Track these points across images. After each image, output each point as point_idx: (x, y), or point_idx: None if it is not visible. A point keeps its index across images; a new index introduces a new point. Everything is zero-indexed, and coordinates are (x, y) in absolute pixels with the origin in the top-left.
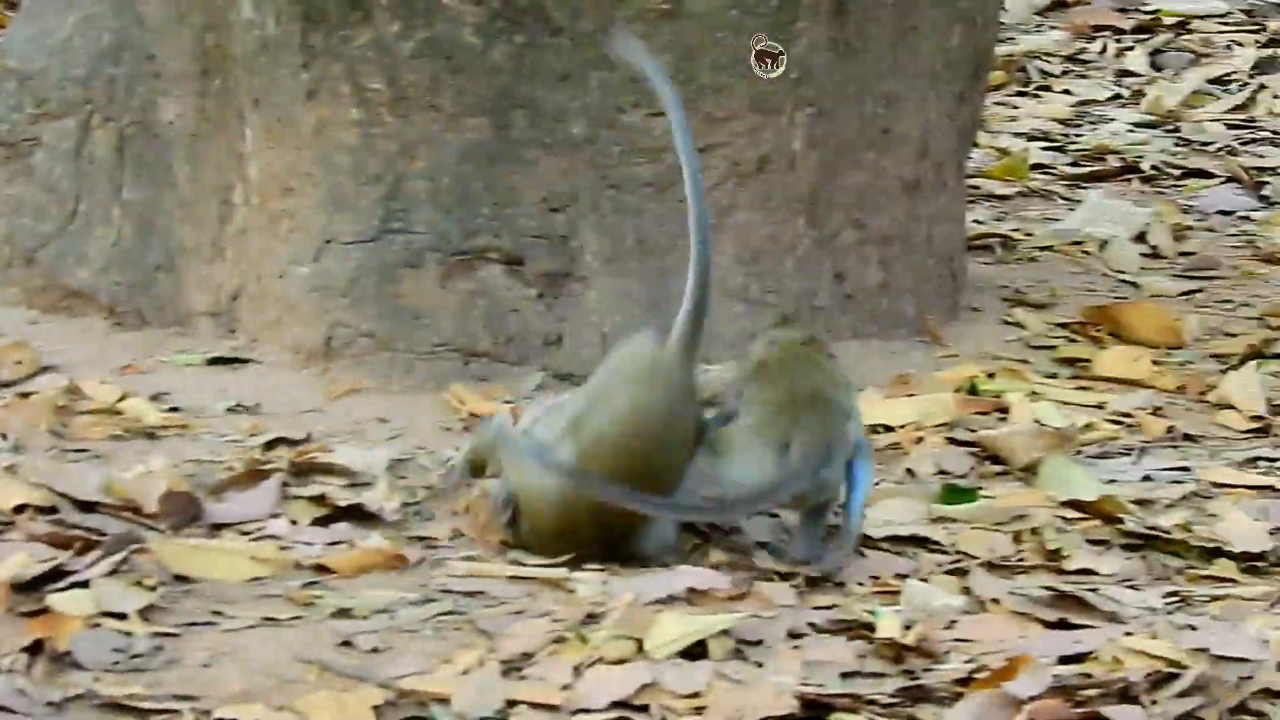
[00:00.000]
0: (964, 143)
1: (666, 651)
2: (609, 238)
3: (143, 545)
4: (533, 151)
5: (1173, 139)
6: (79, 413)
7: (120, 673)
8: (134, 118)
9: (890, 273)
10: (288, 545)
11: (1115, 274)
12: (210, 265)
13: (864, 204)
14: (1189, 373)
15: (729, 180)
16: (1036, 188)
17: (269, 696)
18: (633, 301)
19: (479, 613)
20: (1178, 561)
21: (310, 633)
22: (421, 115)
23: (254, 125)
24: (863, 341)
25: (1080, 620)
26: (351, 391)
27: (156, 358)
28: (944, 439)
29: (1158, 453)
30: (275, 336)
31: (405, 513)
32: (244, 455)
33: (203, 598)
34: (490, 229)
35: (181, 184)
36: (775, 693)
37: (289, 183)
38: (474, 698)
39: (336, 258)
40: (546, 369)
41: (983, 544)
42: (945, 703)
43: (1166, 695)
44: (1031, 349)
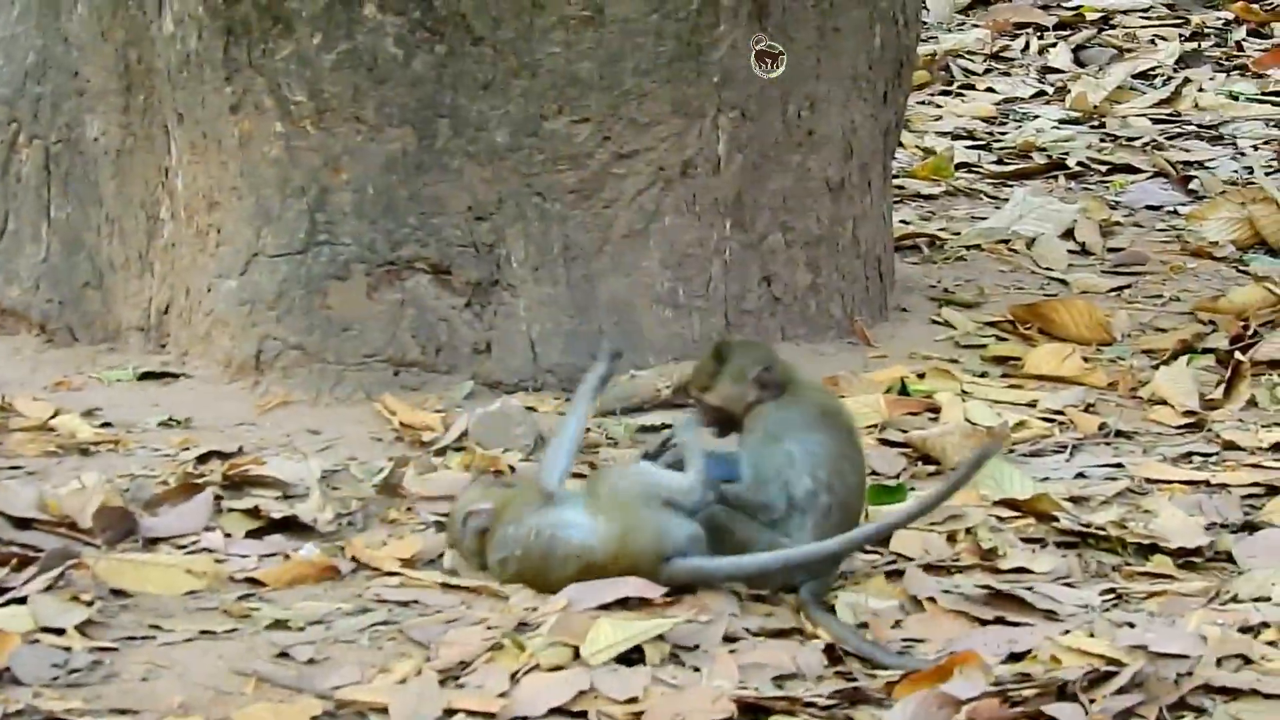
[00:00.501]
0: (888, 143)
1: (603, 657)
2: (535, 245)
3: (79, 561)
4: (457, 161)
5: (1098, 135)
6: (12, 430)
7: (60, 687)
8: (60, 135)
9: (818, 274)
10: (223, 558)
11: (1044, 271)
12: (139, 280)
13: (790, 206)
14: (1120, 369)
15: (654, 185)
16: (962, 186)
17: (208, 709)
18: (560, 308)
19: (414, 622)
20: (1113, 558)
21: (247, 645)
22: (345, 127)
23: (179, 140)
24: (792, 344)
25: (1018, 619)
26: (282, 404)
27: (88, 374)
28: (875, 440)
29: (1090, 450)
30: (205, 350)
31: (339, 523)
32: (177, 469)
33: (140, 612)
34: (416, 239)
35: (108, 200)
36: (712, 697)
37: (215, 197)
38: (412, 707)
39: (264, 271)
40: (476, 377)
41: (918, 545)
42: (883, 704)
43: (1105, 693)
44: (961, 348)
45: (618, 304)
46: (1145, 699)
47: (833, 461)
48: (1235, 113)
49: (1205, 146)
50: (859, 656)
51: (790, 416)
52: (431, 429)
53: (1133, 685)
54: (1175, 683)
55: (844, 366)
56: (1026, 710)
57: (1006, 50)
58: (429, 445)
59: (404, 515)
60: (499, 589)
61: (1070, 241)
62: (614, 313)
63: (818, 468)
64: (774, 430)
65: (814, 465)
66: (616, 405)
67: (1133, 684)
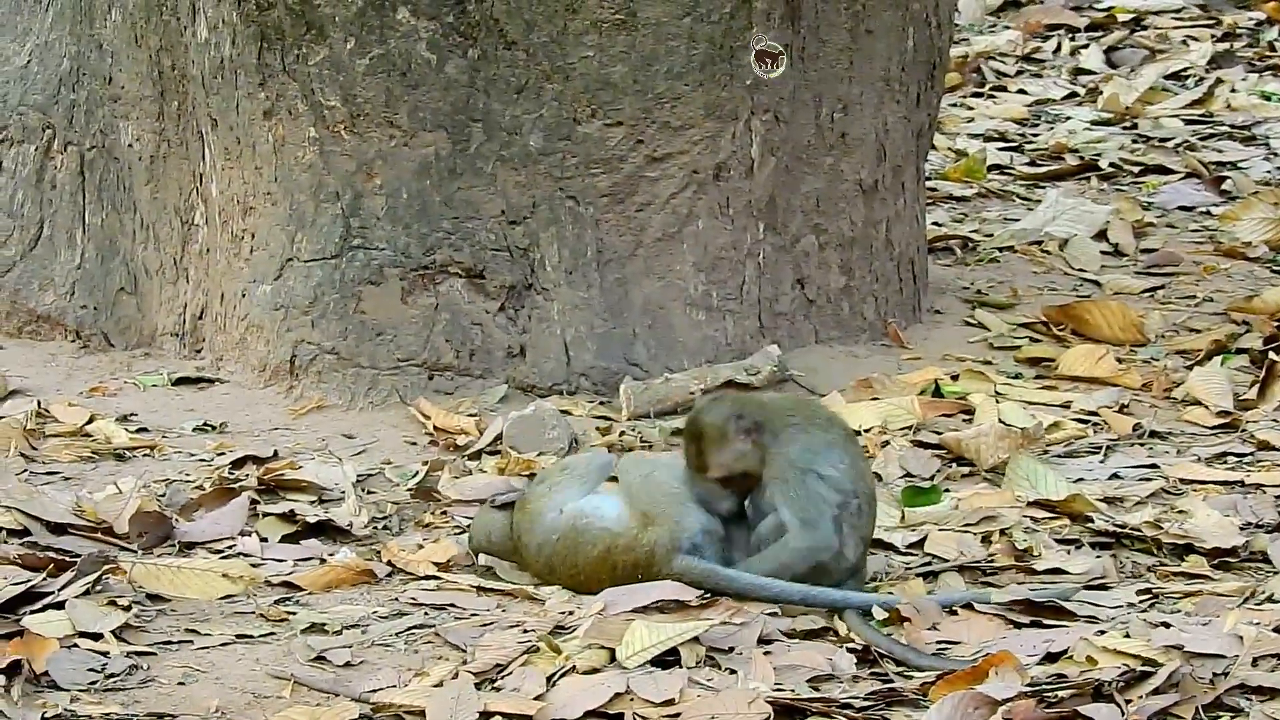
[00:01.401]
0: (921, 145)
1: (638, 660)
2: (568, 249)
3: (115, 566)
4: (490, 165)
5: (1130, 136)
6: (48, 435)
7: (97, 692)
8: (94, 141)
9: (851, 277)
10: (258, 562)
11: (1076, 272)
12: (174, 286)
13: (823, 209)
14: (1154, 369)
15: (687, 188)
16: (995, 188)
17: (244, 713)
18: (593, 312)
19: (450, 625)
20: (1149, 559)
21: (283, 649)
22: (378, 132)
23: (213, 146)
24: (825, 346)
25: (1055, 620)
26: (317, 408)
27: (123, 379)
28: (909, 442)
29: (1125, 450)
30: (240, 355)
31: (374, 527)
32: (212, 474)
33: (176, 616)
34: (450, 243)
35: (143, 206)
36: (748, 699)
37: (249, 202)
38: (449, 710)
39: (298, 276)
40: (510, 381)
41: (953, 546)
42: (919, 705)
43: (1141, 693)
44: (995, 349)
45: (651, 307)
46: (1181, 699)
47: (851, 464)
48: (1268, 113)
49: (1238, 147)
50: (893, 659)
51: (799, 448)
52: (466, 433)
53: (1168, 685)
54: (1211, 683)
55: (877, 368)
56: (1062, 711)
57: (1038, 52)
58: (463, 449)
59: (439, 519)
60: (534, 592)
61: (1103, 243)
62: (647, 316)
63: (844, 480)
64: (799, 464)
65: (842, 479)
66: (650, 408)
67: (1168, 684)
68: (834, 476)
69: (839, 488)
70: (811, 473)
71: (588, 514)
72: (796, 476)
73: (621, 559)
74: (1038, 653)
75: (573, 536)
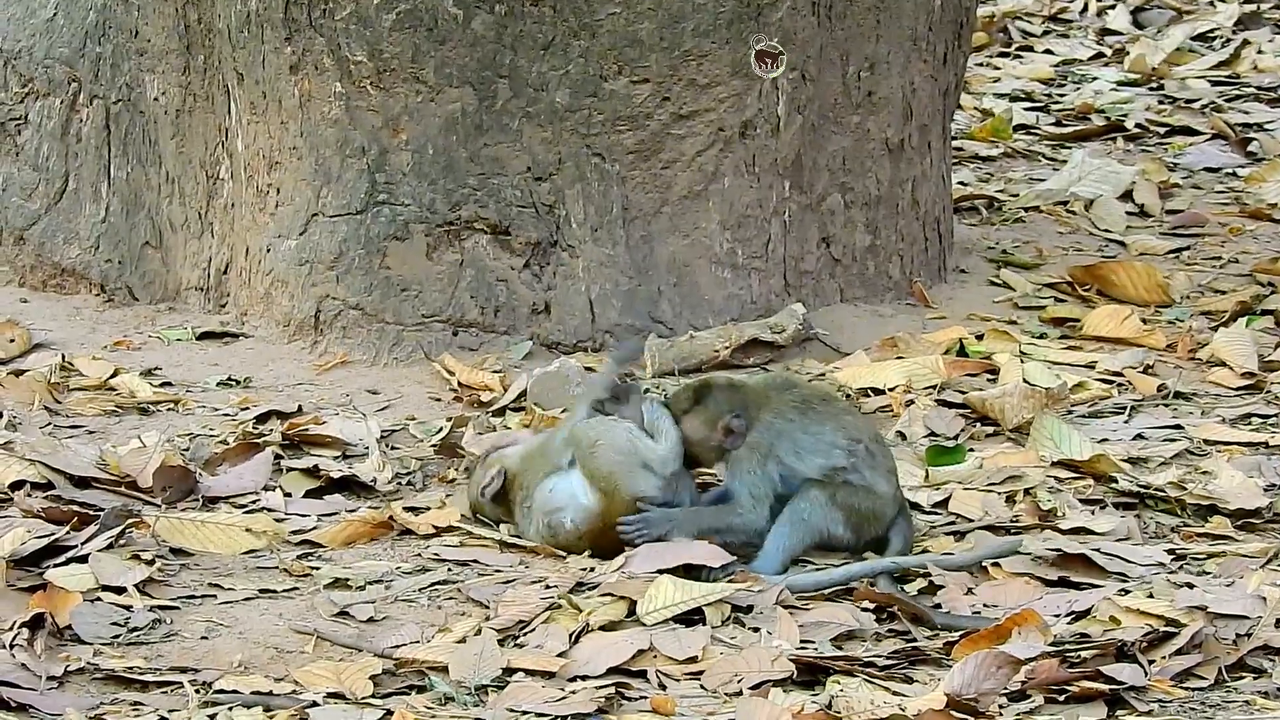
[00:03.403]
0: (947, 104)
1: (660, 617)
2: (594, 206)
3: (139, 520)
4: (517, 121)
5: (1156, 97)
6: (72, 389)
7: (120, 646)
8: (120, 95)
9: (877, 235)
10: (282, 517)
11: (1102, 233)
12: (198, 240)
13: (849, 167)
14: (1179, 330)
15: (714, 146)
16: (1021, 148)
17: (267, 667)
18: (618, 269)
19: (473, 582)
20: (1172, 520)
21: (307, 604)
22: (405, 87)
23: (239, 100)
24: (851, 304)
25: (1085, 579)
26: (341, 363)
27: (147, 333)
28: (934, 401)
29: (1149, 411)
30: (264, 310)
31: (397, 483)
32: (236, 429)
33: (200, 571)
34: (476, 199)
35: (168, 160)
36: (771, 657)
37: (274, 157)
38: (472, 666)
39: (323, 231)
40: (535, 338)
41: (977, 505)
42: (942, 664)
43: (1164, 653)
44: (1020, 309)
45: (676, 265)
46: (1204, 659)
47: (837, 426)
48: None
49: (1264, 109)
50: (916, 616)
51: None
52: (490, 389)
53: (1191, 646)
54: (1234, 643)
55: (902, 327)
56: (1085, 670)
57: (1065, 12)
58: (487, 405)
59: (462, 475)
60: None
61: (1129, 203)
62: (672, 273)
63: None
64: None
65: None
66: (675, 365)
67: (1191, 645)
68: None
69: (837, 445)
70: (773, 457)
71: (558, 506)
72: (759, 459)
73: (600, 539)
74: (1062, 612)
75: (548, 534)
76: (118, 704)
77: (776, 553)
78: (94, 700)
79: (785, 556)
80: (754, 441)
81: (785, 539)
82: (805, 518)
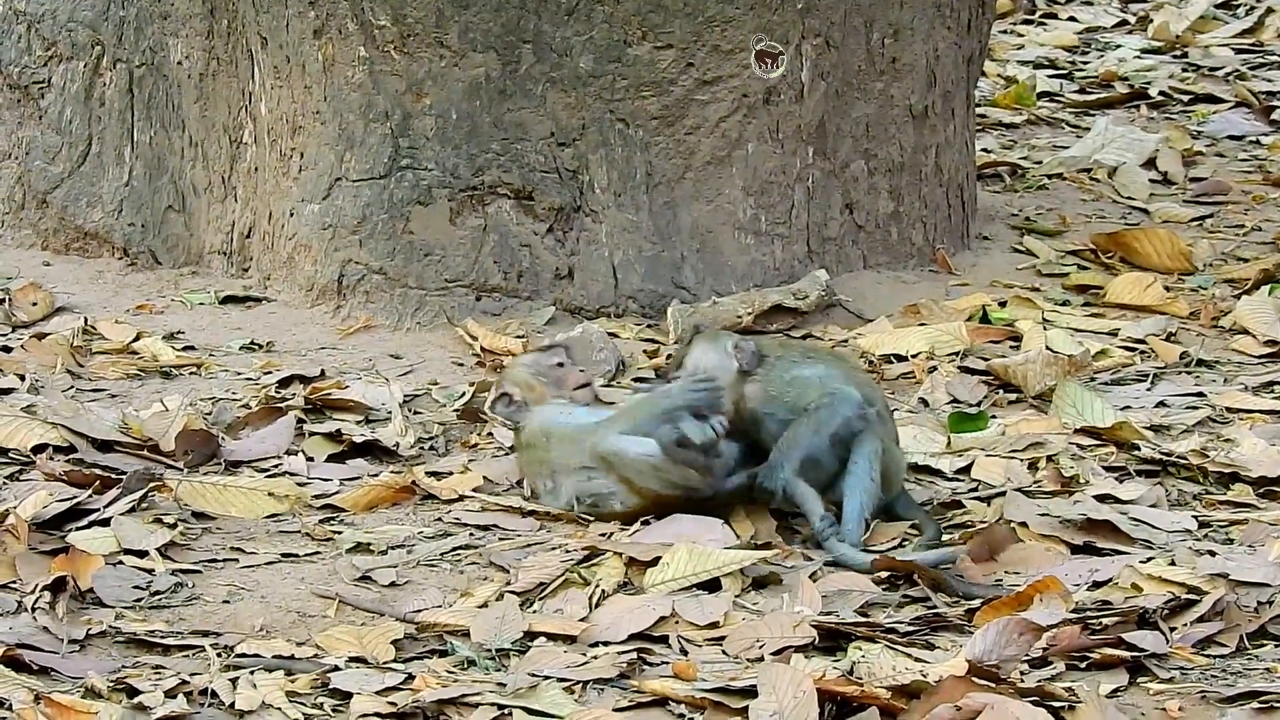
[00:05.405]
0: (971, 71)
1: (681, 585)
2: (617, 171)
3: (161, 483)
4: (540, 87)
5: (1180, 64)
6: (95, 353)
7: (142, 609)
8: (143, 59)
9: (900, 202)
10: (304, 482)
11: (1125, 200)
12: (221, 204)
13: (872, 134)
14: (1201, 298)
15: (737, 112)
16: (1044, 115)
17: (289, 631)
18: (642, 234)
19: (494, 546)
20: (1194, 487)
21: (329, 568)
22: (429, 52)
23: (262, 64)
24: (874, 271)
25: (1109, 545)
26: (364, 328)
27: (170, 297)
28: (956, 368)
29: (1172, 378)
30: (287, 274)
31: (420, 448)
32: (259, 393)
33: (222, 534)
34: (499, 164)
35: (191, 124)
36: (793, 622)
37: (298, 121)
38: (494, 630)
39: (346, 195)
40: (558, 303)
41: (999, 472)
42: (963, 631)
43: (1186, 621)
44: (1043, 276)
45: (699, 231)
46: (1225, 627)
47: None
48: None
49: None
50: (936, 583)
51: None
52: (513, 354)
53: (1213, 613)
54: (1256, 611)
55: (925, 294)
56: (1107, 637)
57: None
58: None
59: (485, 440)
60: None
61: (1152, 171)
62: (696, 239)
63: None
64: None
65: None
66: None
67: (1213, 612)
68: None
69: (852, 400)
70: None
71: (600, 492)
72: (784, 382)
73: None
74: (1084, 580)
75: (589, 508)
76: (139, 667)
77: (858, 520)
78: (115, 664)
79: (863, 522)
80: (765, 379)
81: (861, 504)
82: (873, 478)
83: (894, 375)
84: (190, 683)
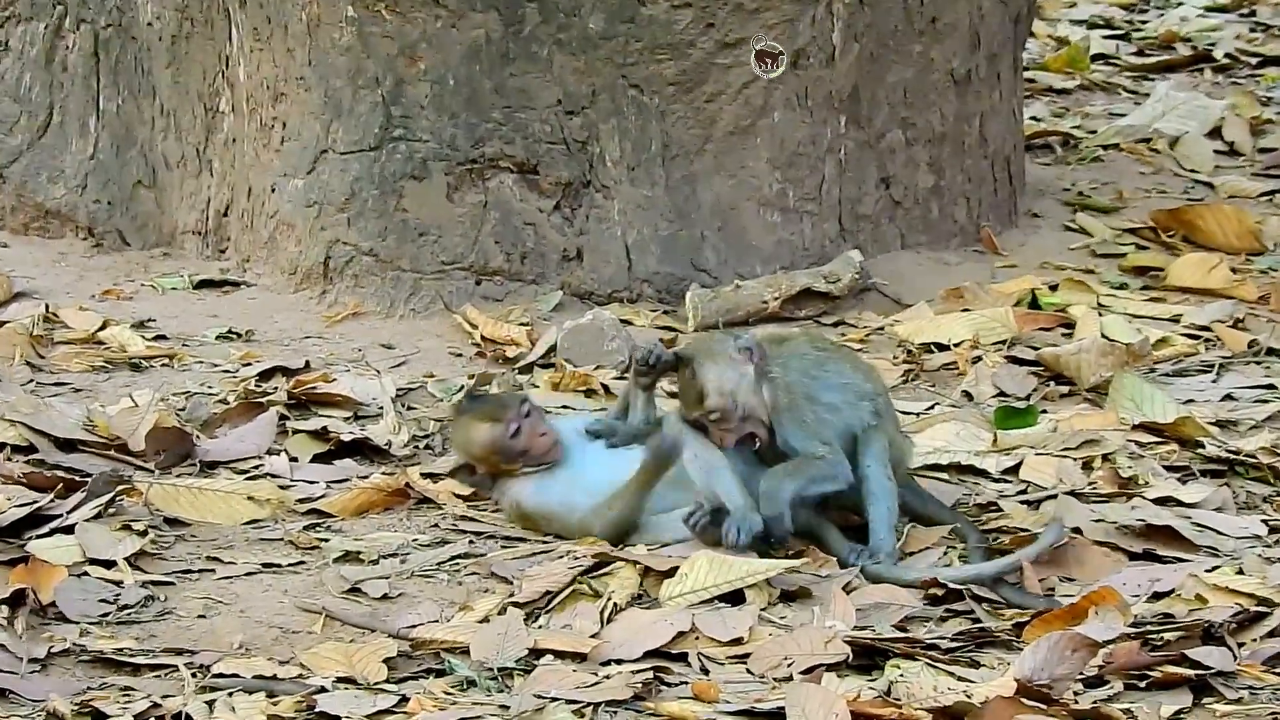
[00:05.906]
0: (1019, 32)
1: (702, 597)
2: (631, 142)
3: (130, 486)
4: (546, 49)
5: (1248, 24)
6: (57, 343)
7: (109, 625)
8: (110, 20)
9: (941, 176)
10: (288, 484)
11: (1188, 173)
12: (196, 180)
13: (910, 101)
14: (1271, 281)
15: (763, 77)
16: (1099, 80)
17: (271, 650)
18: (658, 212)
19: (496, 555)
20: (1264, 489)
21: (314, 579)
22: (423, 11)
23: (241, 25)
24: (913, 251)
25: (1171, 553)
26: (353, 315)
27: (139, 281)
28: (1003, 358)
29: (1239, 369)
30: (268, 256)
31: (414, 447)
32: (237, 386)
33: (197, 543)
34: (501, 135)
35: (163, 91)
36: (825, 639)
37: (280, 88)
38: (495, 648)
39: (333, 169)
40: (566, 287)
41: (1050, 472)
42: (1011, 647)
43: (1255, 635)
44: (1097, 257)
45: (721, 207)
46: None
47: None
48: None
49: None
50: (980, 596)
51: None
52: (516, 344)
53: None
54: None
55: (969, 277)
56: (1169, 654)
57: None
58: (513, 361)
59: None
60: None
61: (1217, 141)
62: (717, 217)
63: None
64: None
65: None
66: (719, 318)
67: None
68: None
69: (860, 393)
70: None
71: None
72: (801, 402)
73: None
74: (1143, 591)
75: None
76: (106, 689)
77: (889, 529)
78: (80, 685)
79: (893, 531)
80: (782, 384)
81: (887, 512)
82: (888, 477)
83: (935, 366)
84: (162, 706)
